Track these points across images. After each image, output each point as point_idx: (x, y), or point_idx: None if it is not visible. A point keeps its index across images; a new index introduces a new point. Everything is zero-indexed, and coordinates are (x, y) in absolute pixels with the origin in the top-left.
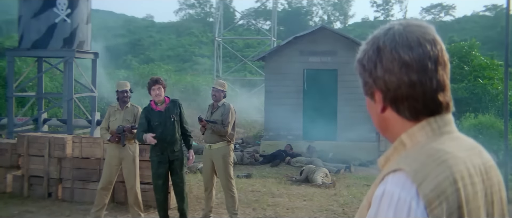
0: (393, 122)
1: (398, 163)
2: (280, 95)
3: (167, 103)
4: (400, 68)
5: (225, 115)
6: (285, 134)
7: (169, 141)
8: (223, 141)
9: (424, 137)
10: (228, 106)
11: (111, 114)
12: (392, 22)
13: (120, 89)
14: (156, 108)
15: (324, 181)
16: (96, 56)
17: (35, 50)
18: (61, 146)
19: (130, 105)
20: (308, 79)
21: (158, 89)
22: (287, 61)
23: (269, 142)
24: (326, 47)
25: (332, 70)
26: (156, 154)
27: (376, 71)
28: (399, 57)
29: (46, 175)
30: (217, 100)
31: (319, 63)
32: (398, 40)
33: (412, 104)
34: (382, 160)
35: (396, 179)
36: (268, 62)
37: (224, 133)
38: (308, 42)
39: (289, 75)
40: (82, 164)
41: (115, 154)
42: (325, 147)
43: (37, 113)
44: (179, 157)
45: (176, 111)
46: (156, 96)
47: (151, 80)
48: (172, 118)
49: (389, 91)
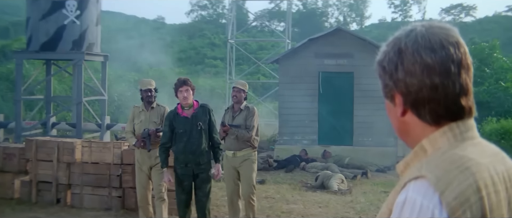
0: (414, 126)
1: (419, 169)
2: (295, 98)
3: (195, 108)
4: (422, 70)
5: (249, 119)
6: (299, 139)
7: (195, 152)
8: (248, 147)
9: (445, 143)
10: (252, 109)
11: (136, 115)
12: (414, 23)
13: (144, 88)
14: (182, 113)
15: (340, 187)
16: (105, 59)
17: (43, 52)
18: (70, 150)
19: (156, 105)
20: (323, 82)
21: (186, 91)
22: (302, 64)
23: (283, 146)
24: (342, 49)
25: (348, 73)
26: (179, 166)
27: (397, 74)
28: (421, 60)
29: (54, 180)
30: (238, 102)
31: (335, 66)
32: (420, 42)
33: (434, 108)
34: (401, 166)
35: (418, 187)
36: (282, 64)
37: (248, 138)
38: (323, 44)
39: (304, 78)
40: (92, 169)
41: (143, 160)
42: (341, 152)
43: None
44: (205, 170)
45: (205, 118)
46: (184, 100)
47: (179, 81)
48: (199, 126)
49: (410, 94)
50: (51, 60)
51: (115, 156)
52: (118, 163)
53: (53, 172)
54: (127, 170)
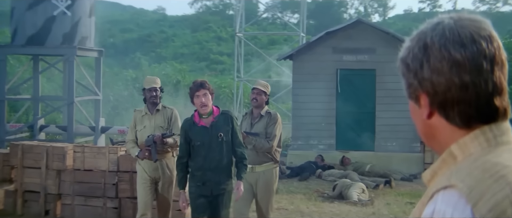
0: (441, 130)
1: (448, 178)
2: (310, 99)
3: (215, 116)
4: (450, 68)
5: (270, 126)
6: (315, 143)
7: (215, 168)
8: (270, 161)
9: (477, 148)
10: (274, 116)
11: (138, 121)
12: (441, 15)
13: (148, 87)
14: (199, 122)
15: (360, 197)
16: (100, 54)
17: (30, 47)
18: (61, 156)
19: (161, 108)
20: (342, 81)
21: (204, 96)
22: (318, 60)
23: (297, 152)
24: (363, 43)
25: (370, 70)
26: (195, 184)
27: (422, 72)
28: (449, 56)
29: (43, 190)
30: (258, 106)
31: (354, 62)
32: (448, 36)
33: (464, 110)
34: (428, 174)
35: (447, 197)
36: (296, 61)
37: (267, 149)
38: (342, 38)
39: (320, 76)
40: (85, 177)
41: (148, 172)
42: (362, 158)
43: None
44: (226, 190)
45: (227, 128)
46: (202, 107)
47: (195, 84)
48: (220, 137)
49: (437, 94)
50: (39, 55)
51: (111, 162)
52: (114, 170)
53: (41, 181)
54: (124, 178)
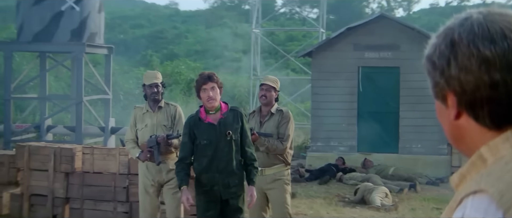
0: (470, 131)
1: (478, 182)
2: (330, 98)
3: (224, 112)
4: (479, 65)
5: (282, 125)
6: (336, 145)
7: (223, 170)
8: (280, 163)
9: (509, 151)
10: (286, 113)
11: (138, 119)
12: (469, 10)
13: (148, 83)
14: (206, 118)
15: (383, 202)
16: (110, 51)
17: (37, 44)
18: (69, 158)
19: (164, 105)
20: (364, 79)
21: (211, 89)
22: (338, 57)
23: (316, 154)
24: (386, 40)
25: (393, 68)
26: (202, 190)
27: (450, 70)
28: (478, 53)
29: (50, 193)
30: (268, 104)
31: (377, 59)
32: (477, 32)
33: (494, 110)
34: (456, 178)
35: (477, 203)
36: (315, 58)
37: (281, 151)
38: (364, 34)
39: (341, 74)
40: (94, 180)
41: (151, 176)
42: (385, 161)
43: (39, 119)
44: (236, 195)
45: (236, 126)
46: (209, 101)
47: (201, 76)
48: (229, 136)
49: (465, 93)
50: (46, 52)
51: (121, 164)
52: (125, 173)
53: (49, 184)
54: (135, 181)
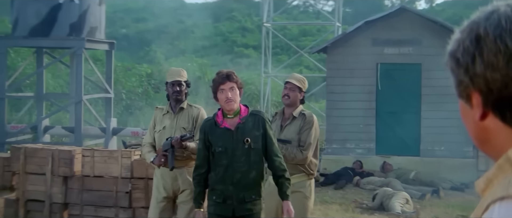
0: (496, 133)
1: (506, 188)
2: (347, 97)
3: (243, 117)
4: (507, 62)
5: (304, 132)
6: (353, 147)
7: (238, 182)
8: (302, 173)
9: None
10: (309, 118)
11: (158, 121)
12: (496, 2)
13: (171, 81)
14: (222, 123)
15: (404, 209)
16: (111, 47)
17: (33, 39)
18: (68, 161)
19: (187, 106)
20: (383, 76)
21: (230, 90)
22: (355, 53)
23: (332, 157)
24: (407, 34)
25: (415, 65)
26: (214, 201)
27: (475, 67)
28: (506, 48)
29: (47, 198)
30: (291, 104)
31: (397, 55)
32: (504, 26)
33: None
34: (481, 182)
35: (504, 209)
36: (331, 54)
37: (301, 161)
38: (383, 28)
39: (359, 71)
40: (95, 185)
41: (165, 183)
42: (406, 164)
43: (36, 119)
44: (252, 212)
45: (256, 133)
46: (227, 103)
47: (219, 75)
48: (247, 143)
49: (492, 92)
50: (43, 48)
51: (124, 168)
52: (127, 176)
53: (46, 188)
54: (138, 185)
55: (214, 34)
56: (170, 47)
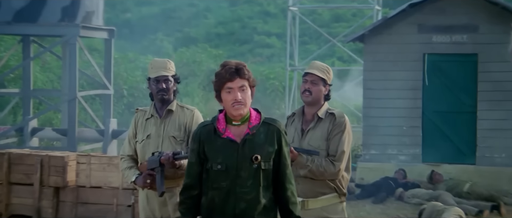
0: None
1: None
2: (387, 94)
3: (253, 126)
4: None
5: (335, 137)
6: (394, 153)
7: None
8: (332, 193)
9: None
10: (340, 119)
11: (139, 127)
12: None
13: (154, 76)
14: (224, 131)
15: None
16: (111, 35)
17: (18, 25)
18: (60, 169)
19: (176, 108)
20: (430, 70)
21: (240, 89)
22: (398, 42)
23: (370, 164)
24: (460, 20)
25: (469, 56)
26: None
27: None
28: None
29: (36, 213)
30: (313, 103)
31: (448, 44)
32: None
33: None
34: None
35: None
36: (369, 43)
37: (331, 176)
38: (431, 12)
39: (402, 63)
40: (91, 197)
41: (152, 209)
42: (459, 175)
43: (22, 120)
44: None
45: (269, 149)
46: (235, 106)
47: (225, 69)
48: (256, 162)
49: None
50: (30, 36)
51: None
52: (130, 187)
53: (34, 201)
54: None
55: (231, 20)
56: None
